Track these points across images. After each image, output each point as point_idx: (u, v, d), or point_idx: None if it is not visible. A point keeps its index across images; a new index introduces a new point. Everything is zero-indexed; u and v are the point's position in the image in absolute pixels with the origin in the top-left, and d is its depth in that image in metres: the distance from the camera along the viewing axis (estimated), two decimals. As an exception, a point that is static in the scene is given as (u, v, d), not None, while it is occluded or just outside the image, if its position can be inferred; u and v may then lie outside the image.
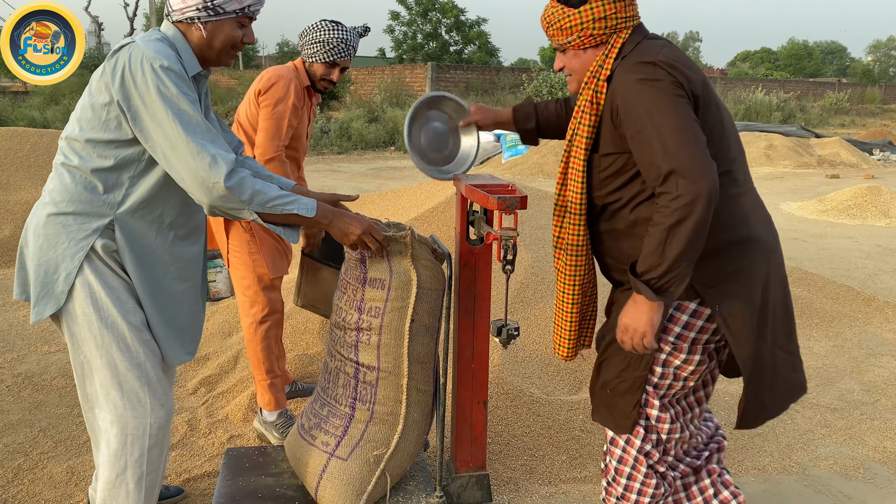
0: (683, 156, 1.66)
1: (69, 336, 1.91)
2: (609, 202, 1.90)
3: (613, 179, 1.87)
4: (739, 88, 29.99)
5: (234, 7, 1.86)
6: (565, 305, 2.04)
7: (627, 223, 1.87)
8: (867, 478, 2.79)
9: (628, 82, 1.76)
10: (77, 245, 1.84)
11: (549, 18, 1.90)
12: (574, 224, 1.93)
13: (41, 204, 1.90)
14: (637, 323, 1.78)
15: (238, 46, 1.93)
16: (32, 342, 3.98)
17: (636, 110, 1.73)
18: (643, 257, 1.73)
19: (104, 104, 1.79)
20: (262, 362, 2.85)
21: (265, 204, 1.83)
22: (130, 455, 1.93)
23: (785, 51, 59.44)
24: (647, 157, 1.72)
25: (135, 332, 1.90)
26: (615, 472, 2.06)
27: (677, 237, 1.66)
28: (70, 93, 17.57)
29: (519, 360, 3.42)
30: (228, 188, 1.75)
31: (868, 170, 14.42)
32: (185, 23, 1.87)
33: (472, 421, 2.44)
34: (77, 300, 1.86)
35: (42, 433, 2.96)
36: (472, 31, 35.58)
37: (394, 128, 17.97)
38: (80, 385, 1.96)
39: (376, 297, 2.21)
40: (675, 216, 1.65)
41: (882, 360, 4.05)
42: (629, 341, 1.82)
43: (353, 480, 2.22)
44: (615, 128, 1.82)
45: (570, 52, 1.90)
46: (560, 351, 2.12)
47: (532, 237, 4.47)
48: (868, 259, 6.70)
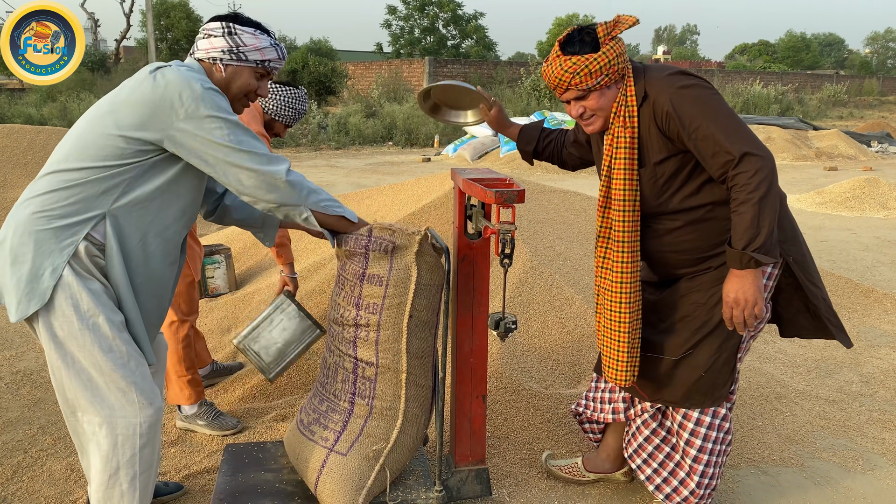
0: (747, 138, 1.93)
1: (49, 339, 1.85)
2: (673, 202, 2.09)
3: (673, 180, 2.07)
4: (737, 81, 29.96)
5: (256, 57, 1.99)
6: (619, 326, 2.16)
7: (698, 213, 2.08)
8: (866, 469, 2.79)
9: (671, 91, 1.98)
10: (64, 241, 1.82)
11: (573, 68, 2.00)
12: (621, 240, 2.10)
13: (25, 202, 1.86)
14: (748, 294, 1.97)
15: (251, 96, 2.05)
16: (30, 340, 3.97)
17: (689, 111, 1.96)
18: (741, 233, 1.93)
19: (129, 137, 1.82)
20: (181, 360, 2.91)
21: (319, 203, 2.02)
22: (122, 456, 1.91)
23: (783, 43, 59.33)
24: (712, 148, 1.94)
25: (117, 332, 1.88)
26: (703, 442, 2.23)
27: (767, 207, 1.90)
28: (66, 90, 17.54)
29: (518, 354, 3.42)
30: (289, 182, 1.92)
31: (866, 162, 14.43)
32: (208, 62, 1.99)
33: (471, 415, 2.44)
34: (58, 302, 1.82)
35: (41, 430, 2.96)
36: (470, 26, 35.53)
37: (391, 122, 17.94)
38: (59, 389, 1.91)
39: (374, 293, 2.20)
40: (761, 189, 1.89)
41: (880, 351, 4.06)
42: (740, 314, 2.00)
43: (353, 475, 2.22)
44: (663, 135, 2.03)
45: (594, 94, 2.05)
46: (613, 374, 2.23)
47: (530, 231, 4.46)
48: (866, 251, 6.70)
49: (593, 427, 2.61)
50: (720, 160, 1.94)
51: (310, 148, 16.28)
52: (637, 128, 2.05)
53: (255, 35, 1.99)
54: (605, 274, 2.18)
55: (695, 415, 2.24)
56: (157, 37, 24.61)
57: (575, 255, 4.34)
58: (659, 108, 2.00)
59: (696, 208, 2.08)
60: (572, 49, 2.00)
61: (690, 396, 2.20)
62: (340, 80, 22.49)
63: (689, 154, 2.03)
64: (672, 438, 2.34)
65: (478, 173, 2.29)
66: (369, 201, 5.49)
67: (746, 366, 3.66)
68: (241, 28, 1.98)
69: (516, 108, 19.73)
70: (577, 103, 2.08)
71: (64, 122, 15.35)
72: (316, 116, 17.79)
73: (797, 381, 3.61)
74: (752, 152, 1.91)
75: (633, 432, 2.40)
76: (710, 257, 2.14)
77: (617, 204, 2.09)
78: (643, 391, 2.29)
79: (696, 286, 2.16)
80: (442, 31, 35.98)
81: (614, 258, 2.12)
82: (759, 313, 2.00)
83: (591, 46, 1.98)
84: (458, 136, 16.66)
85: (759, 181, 1.89)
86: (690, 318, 2.17)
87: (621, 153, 2.06)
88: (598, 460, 2.58)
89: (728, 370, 2.19)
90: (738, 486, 2.65)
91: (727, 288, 2.01)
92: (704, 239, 2.11)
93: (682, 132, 1.98)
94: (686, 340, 2.18)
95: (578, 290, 3.91)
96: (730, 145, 1.91)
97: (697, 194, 2.07)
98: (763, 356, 3.89)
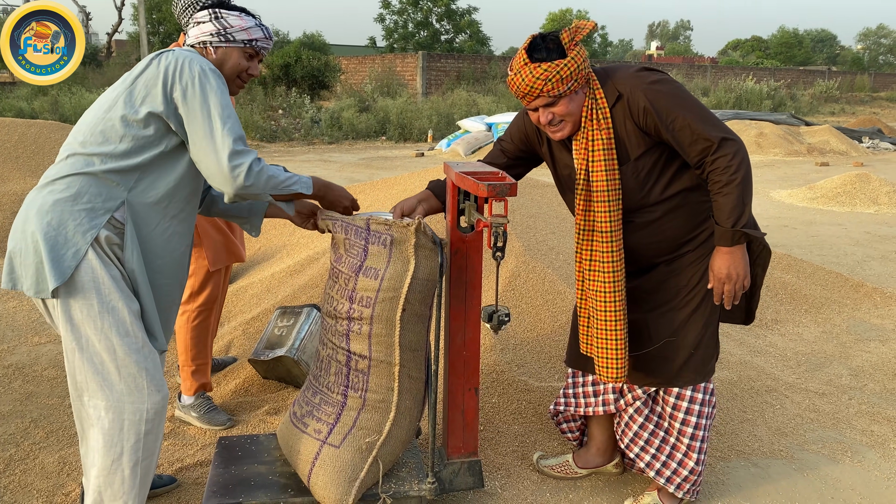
0: (720, 125, 2.05)
1: (66, 320, 1.90)
2: (655, 193, 2.16)
3: (653, 172, 2.15)
4: (730, 77, 30.01)
5: (243, 37, 2.13)
6: (613, 324, 2.20)
7: (674, 201, 2.17)
8: (855, 461, 2.82)
9: (644, 88, 2.07)
10: (88, 224, 1.88)
11: (544, 75, 2.03)
12: (604, 240, 2.15)
13: (45, 192, 1.91)
14: (738, 268, 2.09)
15: (244, 77, 2.18)
16: (23, 333, 3.96)
17: (664, 104, 2.05)
18: (728, 212, 2.04)
19: (140, 119, 1.93)
20: (189, 349, 2.92)
21: (277, 187, 2.08)
22: (126, 441, 1.94)
23: (775, 39, 59.46)
24: (689, 137, 2.04)
25: (134, 318, 1.94)
26: (697, 419, 2.31)
27: (748, 186, 2.04)
28: (58, 85, 17.40)
29: (510, 347, 3.43)
30: (248, 186, 1.97)
31: (857, 157, 14.50)
32: (199, 47, 2.13)
33: (463, 407, 2.45)
34: (80, 284, 1.88)
35: (33, 424, 2.95)
36: (464, 20, 35.44)
37: (385, 117, 17.90)
38: (70, 372, 1.95)
39: (368, 286, 2.21)
40: (742, 170, 2.02)
41: (870, 345, 4.09)
42: (732, 288, 2.11)
43: (346, 467, 2.23)
44: (641, 131, 2.11)
45: (563, 99, 2.08)
46: (610, 373, 2.25)
47: (523, 225, 4.48)
48: (857, 246, 6.75)
49: (571, 426, 2.63)
50: (699, 147, 2.04)
51: (303, 142, 16.24)
52: (612, 128, 2.11)
53: (241, 17, 2.14)
54: (593, 276, 2.22)
55: (688, 393, 2.31)
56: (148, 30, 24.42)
57: (568, 250, 4.36)
58: (634, 104, 2.08)
59: (672, 197, 2.17)
60: (540, 56, 2.03)
61: (683, 375, 2.28)
62: (333, 75, 22.40)
63: (664, 145, 2.12)
64: (664, 422, 2.38)
65: (470, 167, 2.30)
66: (362, 196, 5.49)
67: (737, 359, 3.68)
68: (227, 12, 2.13)
69: (510, 103, 19.72)
70: (546, 110, 2.11)
71: (55, 116, 15.25)
72: (309, 111, 17.74)
73: (787, 374, 3.64)
74: (728, 137, 2.02)
75: (627, 421, 2.41)
76: (686, 242, 2.22)
77: (600, 205, 2.14)
78: (635, 379, 2.33)
79: (675, 270, 2.24)
80: (436, 26, 35.88)
81: (602, 258, 2.17)
82: (748, 286, 2.13)
83: (558, 53, 2.03)
84: (451, 131, 16.66)
85: (738, 163, 2.01)
86: (674, 301, 2.25)
87: (599, 154, 2.12)
88: (588, 455, 2.60)
89: (713, 344, 2.31)
90: (729, 477, 2.67)
91: (717, 265, 2.11)
92: (681, 226, 2.20)
93: (660, 125, 2.06)
94: (671, 322, 2.25)
95: (571, 283, 3.92)
96: (707, 133, 2.02)
97: (673, 183, 2.17)
98: (754, 350, 3.92)
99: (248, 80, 2.22)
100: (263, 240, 5.39)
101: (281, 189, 2.10)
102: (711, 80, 30.47)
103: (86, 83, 18.67)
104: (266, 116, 17.31)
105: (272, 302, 4.06)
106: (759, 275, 2.29)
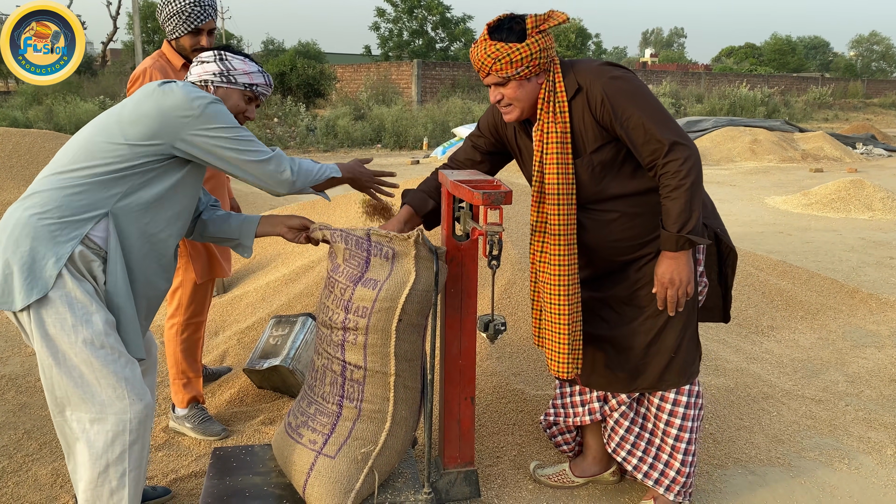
0: (674, 128, 2.03)
1: (40, 336, 1.87)
2: (611, 188, 2.14)
3: (610, 167, 2.13)
4: (724, 84, 30.16)
5: (245, 81, 2.20)
6: (559, 318, 2.18)
7: (633, 199, 2.14)
8: (852, 468, 2.81)
9: (603, 81, 2.05)
10: (67, 236, 1.88)
11: (495, 54, 2.04)
12: (556, 233, 2.14)
13: (25, 202, 1.92)
14: (682, 274, 2.08)
15: (240, 119, 2.22)
16: (15, 344, 3.94)
17: (621, 101, 2.03)
18: (675, 217, 2.02)
19: (139, 146, 1.94)
20: (178, 362, 2.91)
21: (315, 178, 2.22)
22: (112, 453, 1.92)
23: (769, 46, 59.71)
24: (642, 137, 2.03)
25: (109, 329, 1.92)
26: (682, 420, 2.30)
27: (697, 191, 2.03)
28: (53, 93, 17.40)
29: (506, 356, 3.42)
30: (291, 178, 2.14)
31: (851, 164, 14.56)
32: (200, 84, 2.17)
33: (459, 417, 2.44)
34: (53, 298, 1.86)
35: (26, 435, 2.93)
36: (458, 28, 35.58)
37: (380, 125, 17.93)
38: (49, 387, 1.92)
39: (365, 296, 2.20)
40: (691, 176, 2.00)
41: (866, 351, 4.09)
42: (674, 293, 2.10)
43: (341, 478, 2.21)
44: (598, 124, 2.09)
45: (513, 83, 2.09)
46: (561, 367, 2.23)
47: (518, 233, 4.48)
48: (852, 252, 6.76)
49: (566, 438, 2.61)
50: (650, 148, 2.03)
51: (298, 150, 16.25)
52: (569, 121, 2.10)
53: (245, 61, 2.22)
54: (542, 268, 2.21)
55: (671, 395, 2.31)
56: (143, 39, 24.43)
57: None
58: (593, 97, 2.06)
59: (631, 195, 2.15)
60: (499, 35, 2.05)
61: (666, 378, 2.27)
62: (329, 83, 22.45)
63: (621, 142, 2.11)
64: (648, 424, 2.38)
65: (465, 175, 2.30)
66: (357, 204, 5.48)
67: (734, 366, 3.68)
68: (232, 55, 2.21)
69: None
70: (497, 89, 2.13)
71: (50, 125, 15.23)
72: (304, 119, 17.75)
73: (784, 381, 3.63)
74: (680, 141, 2.01)
75: (613, 426, 2.41)
76: (647, 243, 2.20)
77: (551, 198, 2.13)
78: (618, 385, 2.32)
79: (644, 277, 2.22)
80: (430, 34, 36.01)
81: (551, 251, 2.16)
82: (691, 292, 2.12)
83: (517, 36, 2.03)
84: (446, 139, 16.68)
85: (688, 168, 2.00)
86: (648, 307, 2.23)
87: (552, 147, 2.11)
88: (585, 464, 2.59)
89: (694, 346, 2.31)
90: (726, 485, 2.66)
91: (661, 270, 2.11)
92: (641, 225, 2.18)
93: (615, 120, 2.05)
94: (650, 329, 2.24)
95: (567, 291, 3.91)
96: (660, 134, 2.01)
97: (633, 180, 2.15)
98: (750, 357, 3.92)
99: (244, 123, 2.25)
100: (258, 249, 5.38)
101: (317, 178, 2.23)
102: (705, 86, 30.63)
103: (80, 92, 18.66)
104: (261, 125, 17.32)
105: (267, 311, 4.04)
106: (728, 276, 2.29)
